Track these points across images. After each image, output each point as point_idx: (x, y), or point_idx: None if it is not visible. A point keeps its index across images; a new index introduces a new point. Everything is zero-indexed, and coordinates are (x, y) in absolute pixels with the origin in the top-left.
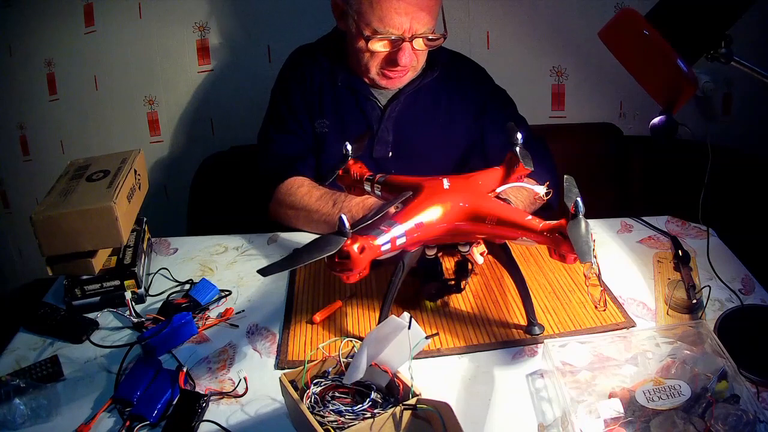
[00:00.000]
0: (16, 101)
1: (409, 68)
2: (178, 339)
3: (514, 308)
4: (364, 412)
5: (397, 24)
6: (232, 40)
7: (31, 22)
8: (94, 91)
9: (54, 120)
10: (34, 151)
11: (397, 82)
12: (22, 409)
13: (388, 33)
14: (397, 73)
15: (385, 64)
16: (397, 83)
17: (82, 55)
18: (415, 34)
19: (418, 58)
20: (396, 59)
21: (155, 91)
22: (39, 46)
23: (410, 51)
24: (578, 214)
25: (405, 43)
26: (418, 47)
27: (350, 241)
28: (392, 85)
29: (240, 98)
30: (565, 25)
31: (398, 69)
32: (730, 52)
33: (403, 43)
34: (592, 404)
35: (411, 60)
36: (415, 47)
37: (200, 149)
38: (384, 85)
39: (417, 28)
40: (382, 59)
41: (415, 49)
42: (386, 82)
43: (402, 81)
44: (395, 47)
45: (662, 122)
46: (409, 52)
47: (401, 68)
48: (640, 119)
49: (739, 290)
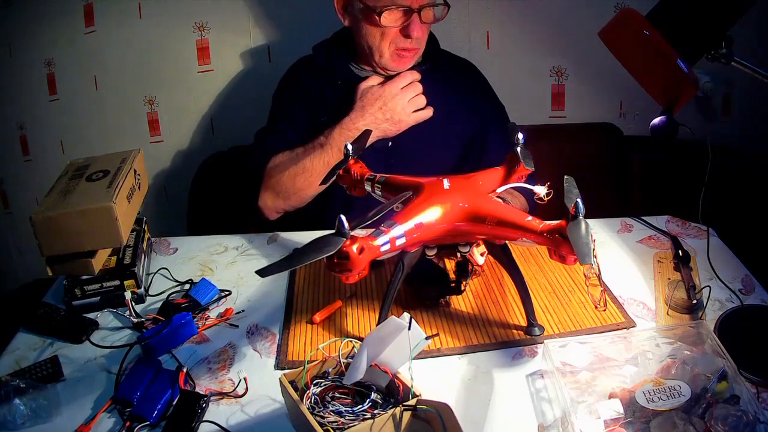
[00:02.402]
0: (16, 101)
1: (419, 47)
2: (178, 339)
3: (514, 309)
4: (364, 412)
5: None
6: (232, 40)
7: (31, 22)
8: (94, 91)
9: (54, 120)
10: (34, 151)
11: (408, 61)
12: (22, 410)
13: (398, 4)
14: (408, 52)
15: (397, 41)
16: (408, 63)
17: (82, 55)
18: (422, 5)
19: (425, 35)
20: (408, 33)
21: (155, 91)
22: (39, 46)
23: (419, 23)
24: (578, 215)
25: (414, 14)
26: (426, 19)
27: (349, 241)
28: (404, 66)
29: (240, 98)
30: (565, 25)
31: (410, 46)
32: (730, 53)
33: (413, 15)
34: (592, 405)
35: (422, 32)
36: (424, 19)
37: (200, 149)
38: (395, 67)
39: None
40: (394, 37)
41: (423, 22)
42: (398, 63)
43: (413, 61)
44: (406, 19)
45: (662, 122)
46: (419, 23)
47: (413, 44)
48: (640, 119)
49: (739, 290)
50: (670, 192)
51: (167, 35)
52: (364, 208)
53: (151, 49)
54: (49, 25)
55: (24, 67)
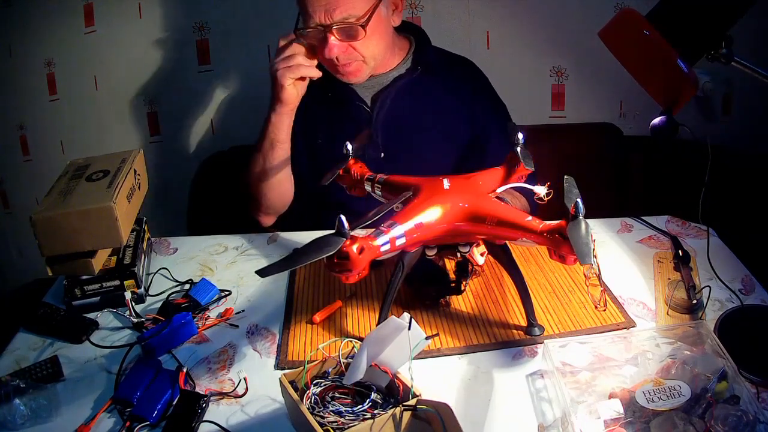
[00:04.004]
0: (16, 101)
1: (352, 61)
2: (178, 339)
3: (514, 309)
4: (364, 412)
5: (311, 13)
6: (232, 40)
7: (31, 22)
8: (94, 91)
9: (54, 120)
10: (34, 151)
11: (351, 77)
12: (22, 410)
13: (308, 24)
14: (344, 67)
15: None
16: (352, 78)
17: (82, 55)
18: (333, 23)
19: (358, 49)
20: (323, 51)
21: (155, 91)
22: (39, 46)
23: (335, 42)
24: (578, 215)
25: (328, 34)
26: (340, 38)
27: (349, 241)
28: (349, 80)
29: (240, 98)
30: (565, 25)
31: (338, 62)
32: (730, 53)
33: (326, 34)
34: (592, 405)
35: (342, 51)
36: (338, 38)
37: (200, 149)
38: (345, 80)
39: (333, 17)
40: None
41: (343, 40)
42: (341, 77)
43: (356, 75)
44: (319, 38)
45: (662, 122)
46: (333, 43)
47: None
48: (640, 119)
49: (739, 290)
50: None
51: (167, 35)
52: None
53: (151, 49)
54: (49, 25)
55: (24, 67)
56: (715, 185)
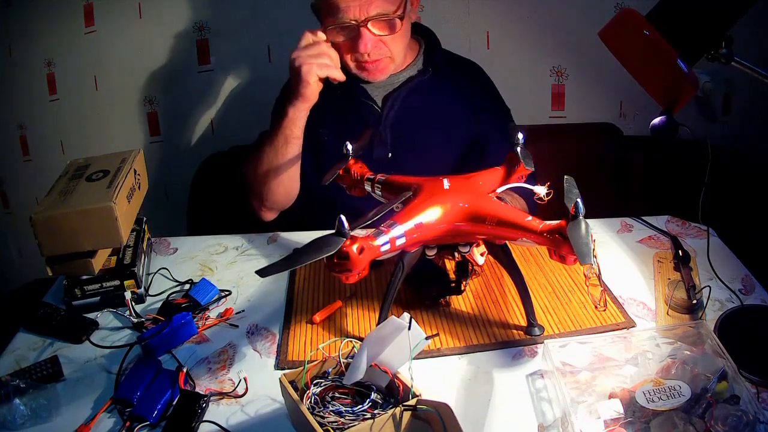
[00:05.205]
0: (16, 101)
1: (382, 57)
2: (178, 339)
3: (514, 309)
4: (364, 412)
5: (343, 9)
6: (232, 40)
7: (31, 22)
8: (94, 91)
9: (54, 120)
10: (34, 151)
11: (377, 74)
12: (22, 410)
13: (340, 20)
14: (370, 64)
15: (356, 55)
16: (378, 75)
17: (82, 55)
18: (368, 17)
19: (387, 45)
20: (356, 47)
21: (155, 91)
22: (39, 46)
23: (370, 37)
24: (578, 215)
25: (362, 29)
26: (377, 31)
27: (349, 241)
28: (374, 78)
29: (240, 98)
30: (565, 25)
31: (367, 59)
32: (730, 53)
33: (360, 29)
34: (592, 405)
35: (374, 47)
36: (374, 32)
37: (200, 149)
38: (366, 77)
39: (369, 11)
40: (351, 51)
41: (376, 35)
42: (366, 74)
43: (383, 72)
44: (352, 34)
45: (662, 122)
46: (368, 38)
47: (372, 56)
48: (640, 119)
49: (739, 290)
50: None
51: (167, 35)
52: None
53: (151, 49)
54: (49, 25)
55: (24, 67)
56: (715, 185)
